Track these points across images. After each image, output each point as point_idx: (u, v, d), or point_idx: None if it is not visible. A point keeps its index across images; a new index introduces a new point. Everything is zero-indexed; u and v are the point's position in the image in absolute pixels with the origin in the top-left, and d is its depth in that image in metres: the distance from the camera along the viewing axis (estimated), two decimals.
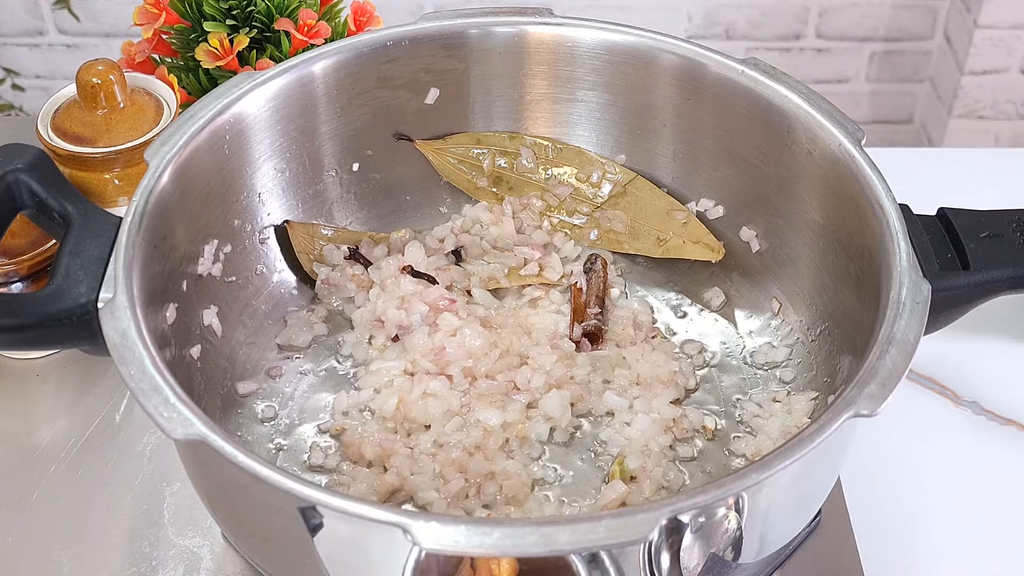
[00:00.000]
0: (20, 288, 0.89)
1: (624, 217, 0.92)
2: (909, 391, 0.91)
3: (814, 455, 0.60)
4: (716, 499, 0.57)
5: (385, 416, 0.81)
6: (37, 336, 0.68)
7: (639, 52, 0.87)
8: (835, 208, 0.78)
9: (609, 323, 0.87)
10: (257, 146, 0.84)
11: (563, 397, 0.81)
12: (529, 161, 0.93)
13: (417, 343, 0.84)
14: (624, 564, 0.59)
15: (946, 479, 0.85)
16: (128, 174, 0.93)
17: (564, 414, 0.80)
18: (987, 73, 2.00)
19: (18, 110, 2.20)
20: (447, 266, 0.89)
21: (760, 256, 0.88)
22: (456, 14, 0.88)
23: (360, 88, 0.87)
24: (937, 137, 2.12)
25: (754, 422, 0.81)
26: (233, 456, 0.58)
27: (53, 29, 2.09)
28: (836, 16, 2.08)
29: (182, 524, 0.79)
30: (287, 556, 0.67)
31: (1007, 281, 0.73)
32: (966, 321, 0.76)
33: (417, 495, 0.76)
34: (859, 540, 0.78)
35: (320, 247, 0.89)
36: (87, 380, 0.89)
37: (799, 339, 0.84)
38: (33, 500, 0.81)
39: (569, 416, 0.81)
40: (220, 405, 0.80)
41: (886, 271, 0.69)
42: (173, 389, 0.61)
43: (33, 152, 0.74)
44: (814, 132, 0.79)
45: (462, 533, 0.55)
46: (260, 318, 0.86)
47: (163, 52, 1.04)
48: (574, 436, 0.81)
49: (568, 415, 0.81)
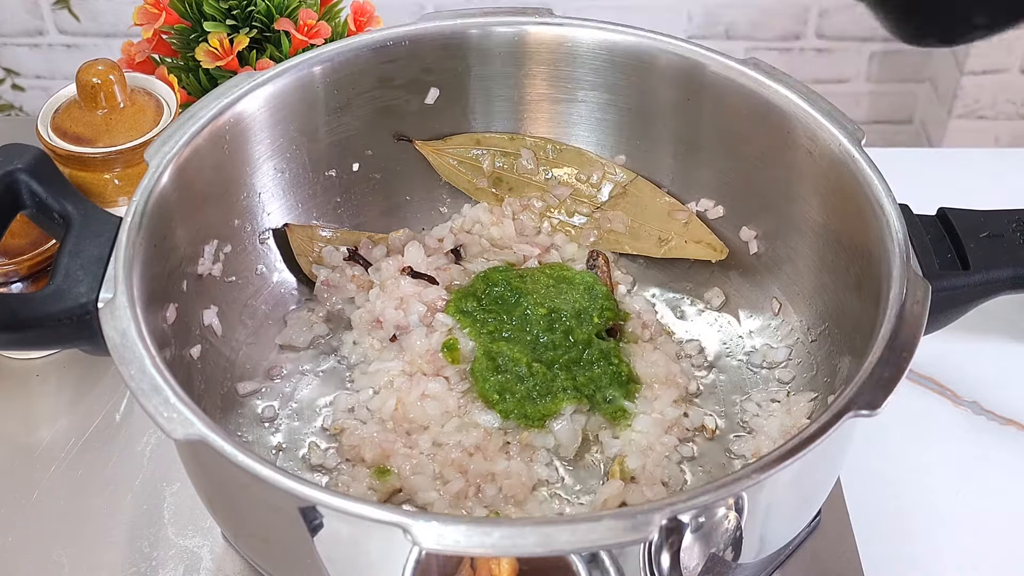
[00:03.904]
0: (20, 288, 0.89)
1: (624, 217, 0.92)
2: (909, 391, 0.91)
3: (814, 455, 0.60)
4: (716, 499, 0.57)
5: (384, 417, 0.81)
6: (37, 336, 0.68)
7: (639, 52, 0.87)
8: (835, 208, 0.78)
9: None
10: (257, 146, 0.84)
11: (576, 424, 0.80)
12: (529, 162, 0.93)
13: (415, 344, 0.84)
14: (624, 564, 0.59)
15: (946, 479, 0.85)
16: (128, 174, 0.93)
17: (573, 442, 0.80)
18: (987, 73, 2.00)
19: (18, 110, 2.20)
20: (447, 265, 0.89)
21: (760, 256, 0.88)
22: (456, 14, 0.88)
23: (360, 88, 0.87)
24: (937, 137, 2.12)
25: (754, 422, 0.81)
26: (233, 456, 0.58)
27: (53, 29, 2.09)
28: (836, 16, 2.08)
29: (182, 524, 0.79)
30: (287, 556, 0.67)
31: (1007, 281, 0.73)
32: (966, 321, 0.76)
33: (417, 495, 0.76)
34: (859, 540, 0.78)
35: (319, 249, 0.89)
36: (87, 380, 0.89)
37: (799, 339, 0.84)
38: (33, 500, 0.81)
39: (578, 443, 0.80)
40: (220, 405, 0.80)
41: (886, 271, 0.69)
42: (173, 389, 0.61)
43: (33, 152, 0.74)
44: (814, 132, 0.79)
45: (462, 533, 0.55)
46: (260, 318, 0.86)
47: (163, 52, 1.04)
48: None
49: (577, 443, 0.80)
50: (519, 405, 0.79)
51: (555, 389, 0.80)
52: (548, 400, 0.80)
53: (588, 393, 0.81)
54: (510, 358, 0.81)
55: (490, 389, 0.80)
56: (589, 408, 0.81)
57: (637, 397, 0.82)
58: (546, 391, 0.80)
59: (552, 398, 0.80)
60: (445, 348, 0.83)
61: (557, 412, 0.79)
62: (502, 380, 0.80)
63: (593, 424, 0.81)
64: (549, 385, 0.80)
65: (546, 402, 0.80)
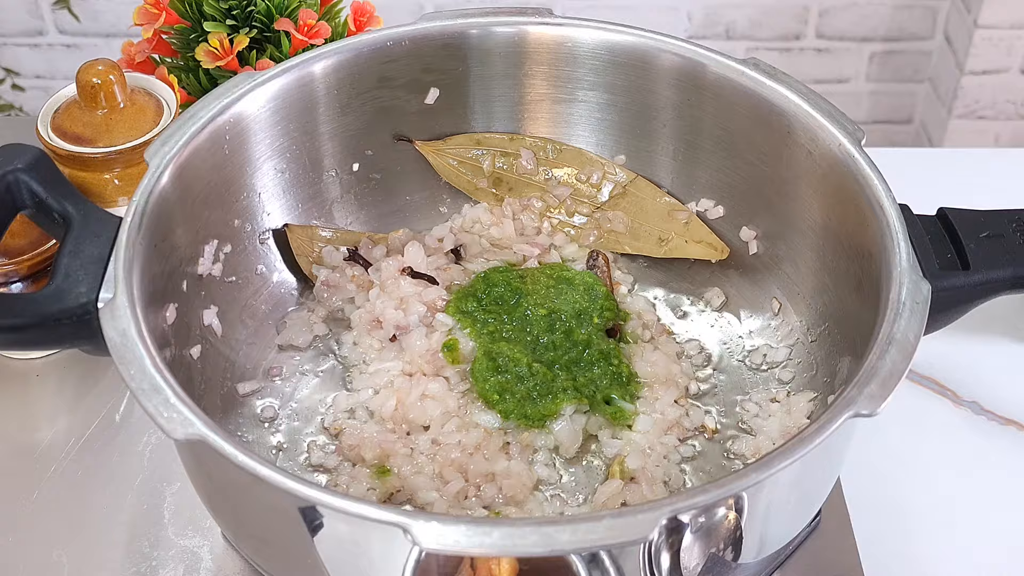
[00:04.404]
0: (20, 288, 0.89)
1: (625, 217, 0.92)
2: (909, 391, 0.91)
3: (814, 455, 0.60)
4: (716, 499, 0.57)
5: (384, 417, 0.81)
6: (37, 336, 0.68)
7: (639, 52, 0.87)
8: (835, 208, 0.78)
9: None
10: (257, 146, 0.84)
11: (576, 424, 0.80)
12: (529, 162, 0.93)
13: (414, 344, 0.84)
14: (624, 564, 0.59)
15: (946, 479, 0.85)
16: (128, 174, 0.93)
17: (573, 443, 0.80)
18: (987, 73, 2.00)
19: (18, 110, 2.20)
20: (447, 265, 0.89)
21: (760, 256, 0.88)
22: (456, 14, 0.88)
23: (360, 88, 0.87)
24: (937, 137, 2.12)
25: (754, 422, 0.81)
26: (233, 456, 0.58)
27: (53, 29, 2.09)
28: (836, 16, 2.08)
29: (182, 524, 0.79)
30: (287, 556, 0.67)
31: (1007, 281, 0.73)
32: (966, 321, 0.76)
33: (417, 495, 0.76)
34: (859, 540, 0.78)
35: (319, 249, 0.89)
36: (87, 380, 0.89)
37: (799, 339, 0.84)
38: (33, 500, 0.81)
39: (578, 444, 0.80)
40: (220, 405, 0.80)
41: (886, 271, 0.69)
42: (173, 389, 0.61)
43: (33, 152, 0.74)
44: (814, 132, 0.79)
45: (462, 533, 0.55)
46: (260, 318, 0.86)
47: (163, 52, 1.04)
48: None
49: (577, 443, 0.80)
50: (519, 405, 0.79)
51: (555, 389, 0.80)
52: (548, 400, 0.80)
53: (588, 394, 0.81)
54: (510, 358, 0.81)
55: (490, 389, 0.80)
56: (589, 408, 0.81)
57: (637, 397, 0.82)
58: (546, 391, 0.80)
59: (552, 398, 0.80)
60: (445, 348, 0.83)
61: (557, 412, 0.79)
62: (502, 380, 0.80)
63: (593, 424, 0.81)
64: (549, 385, 0.80)
65: (546, 402, 0.80)
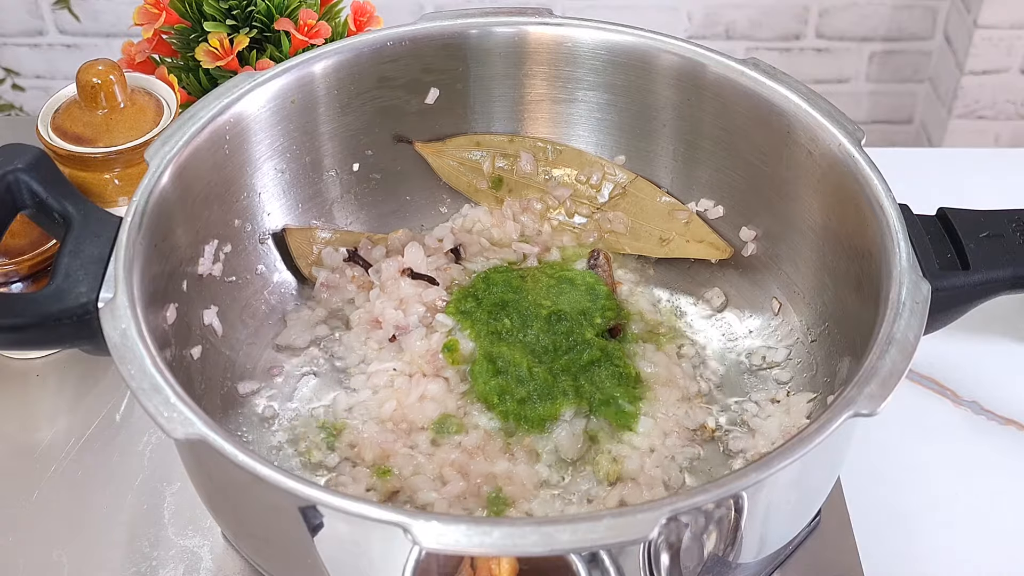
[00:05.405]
0: (20, 288, 0.89)
1: (625, 218, 0.92)
2: (909, 391, 0.91)
3: (814, 455, 0.60)
4: (716, 499, 0.57)
5: (384, 417, 0.81)
6: (37, 336, 0.68)
7: (639, 52, 0.87)
8: (835, 208, 0.78)
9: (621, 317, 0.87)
10: (257, 146, 0.84)
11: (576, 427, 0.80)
12: (529, 164, 0.93)
13: (414, 344, 0.84)
14: (624, 564, 0.59)
15: (946, 479, 0.85)
16: (128, 174, 0.93)
17: (573, 446, 0.80)
18: (987, 73, 2.00)
19: (18, 110, 2.20)
20: (447, 265, 0.89)
21: (760, 256, 0.88)
22: (456, 14, 0.88)
23: (360, 88, 0.87)
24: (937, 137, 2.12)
25: (753, 422, 0.81)
26: (233, 456, 0.58)
27: (53, 29, 2.09)
28: (836, 16, 2.08)
29: (182, 524, 0.79)
30: (287, 556, 0.67)
31: (1007, 281, 0.73)
32: (966, 321, 0.76)
33: (417, 496, 0.76)
34: (859, 540, 0.78)
35: (318, 251, 0.89)
36: (87, 380, 0.89)
37: (799, 339, 0.84)
38: (33, 500, 0.81)
39: (578, 446, 0.80)
40: (220, 405, 0.80)
41: (886, 271, 0.69)
42: (173, 389, 0.61)
43: (33, 152, 0.74)
44: (814, 132, 0.79)
45: (462, 533, 0.55)
46: (260, 318, 0.86)
47: (163, 52, 1.04)
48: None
49: (577, 446, 0.80)
50: (519, 408, 0.79)
51: (555, 392, 0.80)
52: (548, 403, 0.79)
53: (589, 395, 0.80)
54: (510, 360, 0.81)
55: (490, 391, 0.80)
56: (589, 410, 0.81)
57: (641, 398, 0.81)
58: (546, 394, 0.80)
59: (552, 402, 0.80)
60: (445, 349, 0.83)
61: (556, 416, 0.79)
62: (502, 383, 0.80)
63: (594, 425, 0.81)
64: (549, 388, 0.80)
65: (546, 405, 0.79)
